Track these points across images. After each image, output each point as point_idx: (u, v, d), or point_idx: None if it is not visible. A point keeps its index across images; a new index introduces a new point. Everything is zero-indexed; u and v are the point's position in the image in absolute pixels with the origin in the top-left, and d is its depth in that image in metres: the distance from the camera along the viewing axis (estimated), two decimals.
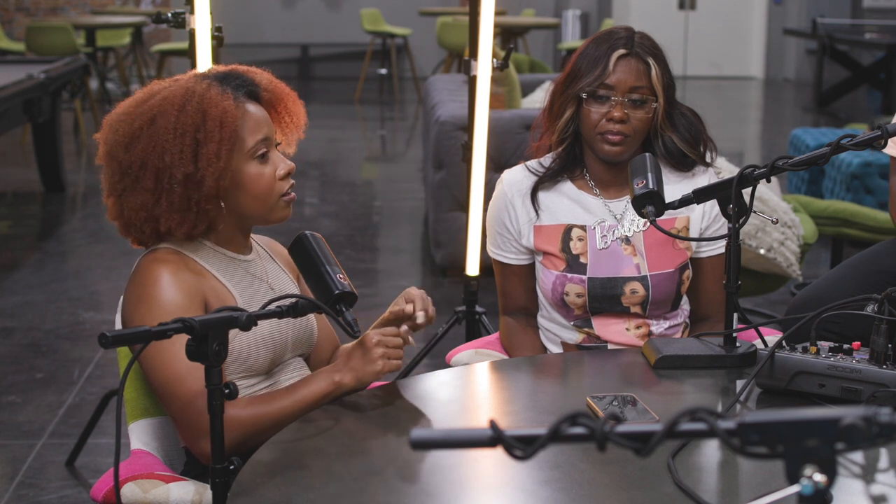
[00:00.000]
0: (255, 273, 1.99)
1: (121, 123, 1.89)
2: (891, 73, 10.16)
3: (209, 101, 1.86)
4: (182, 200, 1.85)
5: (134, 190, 1.88)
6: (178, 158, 1.84)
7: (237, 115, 1.88)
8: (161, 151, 1.84)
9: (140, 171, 1.86)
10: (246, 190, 1.91)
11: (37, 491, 3.17)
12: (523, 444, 0.96)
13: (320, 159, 8.24)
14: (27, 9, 12.34)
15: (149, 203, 1.87)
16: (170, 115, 1.85)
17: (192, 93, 1.87)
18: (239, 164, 1.89)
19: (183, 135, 1.84)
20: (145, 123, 1.86)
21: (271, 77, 2.02)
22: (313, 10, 13.11)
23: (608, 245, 2.29)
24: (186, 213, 1.86)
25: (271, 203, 1.94)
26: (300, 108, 2.05)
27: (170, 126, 1.84)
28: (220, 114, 1.85)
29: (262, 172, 1.92)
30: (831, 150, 1.96)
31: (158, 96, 1.89)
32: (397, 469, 1.66)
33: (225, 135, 1.85)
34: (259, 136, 1.91)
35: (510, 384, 2.08)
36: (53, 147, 6.83)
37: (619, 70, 2.23)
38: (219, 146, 1.84)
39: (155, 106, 1.87)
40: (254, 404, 1.84)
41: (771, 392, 1.90)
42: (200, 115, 1.85)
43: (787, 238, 3.93)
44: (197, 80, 1.90)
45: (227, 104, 1.87)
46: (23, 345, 4.35)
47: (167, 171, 1.84)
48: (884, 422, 0.90)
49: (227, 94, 1.88)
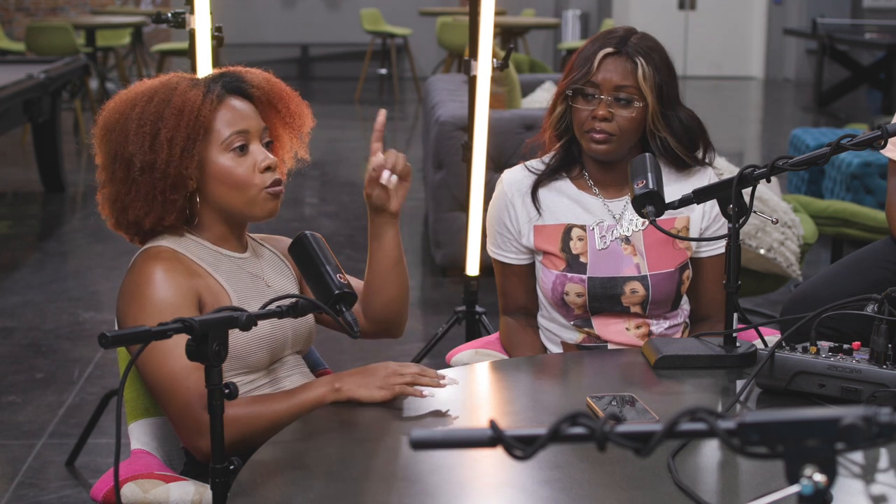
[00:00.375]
0: (251, 271, 1.99)
1: (101, 119, 1.96)
2: (891, 73, 10.16)
3: (176, 92, 1.90)
4: (147, 189, 1.89)
5: (111, 182, 1.93)
6: (139, 147, 1.88)
7: (203, 105, 1.89)
8: (127, 141, 1.90)
9: (113, 163, 1.92)
10: (220, 181, 1.92)
11: (37, 491, 3.17)
12: (523, 444, 0.96)
13: (320, 159, 8.24)
14: (27, 9, 12.34)
15: (122, 193, 1.92)
16: (138, 107, 1.90)
17: (162, 85, 1.92)
18: (210, 154, 1.91)
19: (144, 124, 1.89)
20: (120, 117, 1.92)
21: (269, 77, 2.02)
22: (313, 10, 13.11)
23: (607, 245, 2.29)
24: (152, 202, 1.90)
25: (251, 195, 1.93)
26: (304, 108, 2.05)
27: (136, 117, 1.89)
28: (180, 103, 1.89)
29: (237, 164, 1.92)
30: (831, 150, 1.96)
31: (135, 91, 1.94)
32: (397, 469, 1.66)
33: (182, 123, 1.88)
34: (236, 127, 1.92)
35: (510, 384, 2.08)
36: (53, 147, 6.83)
37: (604, 69, 2.23)
38: (174, 133, 1.87)
39: (129, 100, 1.93)
40: (251, 405, 1.84)
41: (771, 392, 1.90)
42: (164, 104, 1.89)
43: (787, 238, 3.93)
44: (175, 76, 1.96)
45: (193, 94, 1.90)
46: (23, 345, 4.35)
47: (130, 161, 1.89)
48: (884, 422, 0.90)
49: (197, 87, 1.92)
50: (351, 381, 1.86)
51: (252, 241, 2.06)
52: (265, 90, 1.99)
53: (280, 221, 5.67)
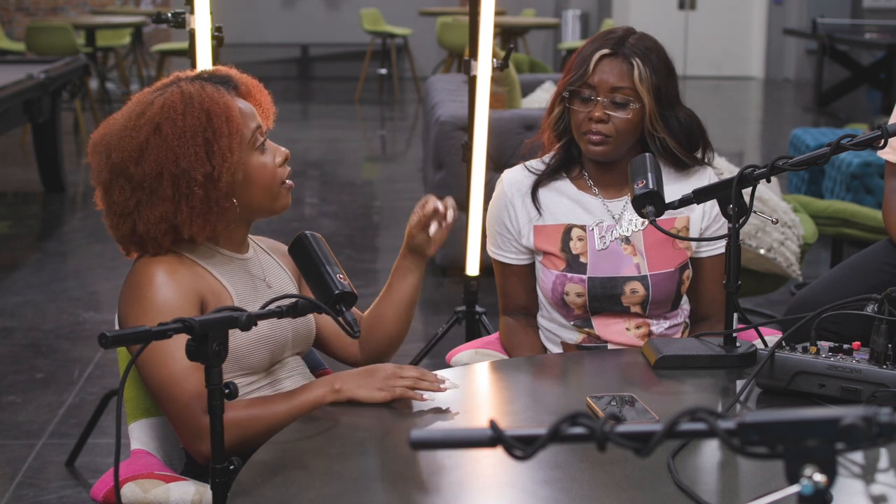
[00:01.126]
0: (252, 271, 1.99)
1: (124, 139, 1.87)
2: (891, 73, 10.16)
3: (209, 99, 1.87)
4: (203, 203, 1.85)
5: (151, 202, 1.86)
6: (194, 160, 1.84)
7: (235, 106, 1.89)
8: (175, 157, 1.83)
9: (156, 182, 1.85)
10: (254, 182, 1.92)
11: (37, 491, 3.17)
12: (523, 444, 0.96)
13: (320, 159, 8.24)
14: (27, 9, 12.34)
15: (169, 212, 1.85)
16: (175, 120, 1.84)
17: (189, 95, 1.87)
18: (245, 156, 1.91)
19: (193, 136, 1.84)
20: (150, 133, 1.85)
21: (238, 71, 2.03)
22: (313, 10, 13.11)
23: (607, 245, 2.29)
24: (208, 215, 1.86)
25: (276, 191, 1.96)
26: (267, 96, 2.06)
27: (178, 131, 1.84)
28: (223, 110, 1.87)
29: (264, 162, 1.94)
30: (831, 150, 1.96)
31: (156, 104, 1.87)
32: (397, 469, 1.66)
33: (233, 128, 1.87)
34: (253, 125, 1.93)
35: (510, 384, 2.08)
36: (53, 147, 6.83)
37: (600, 70, 2.23)
38: (230, 140, 1.86)
39: (156, 114, 1.86)
40: (250, 407, 1.84)
41: (771, 392, 1.90)
42: (205, 114, 1.85)
43: (787, 238, 3.93)
44: (186, 83, 1.90)
45: (227, 99, 1.89)
46: (23, 345, 4.35)
47: (185, 176, 1.84)
48: (884, 422, 0.90)
49: (220, 90, 1.90)
50: (351, 382, 1.86)
51: (253, 243, 2.06)
52: (245, 84, 2.00)
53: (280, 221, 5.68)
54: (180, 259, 1.90)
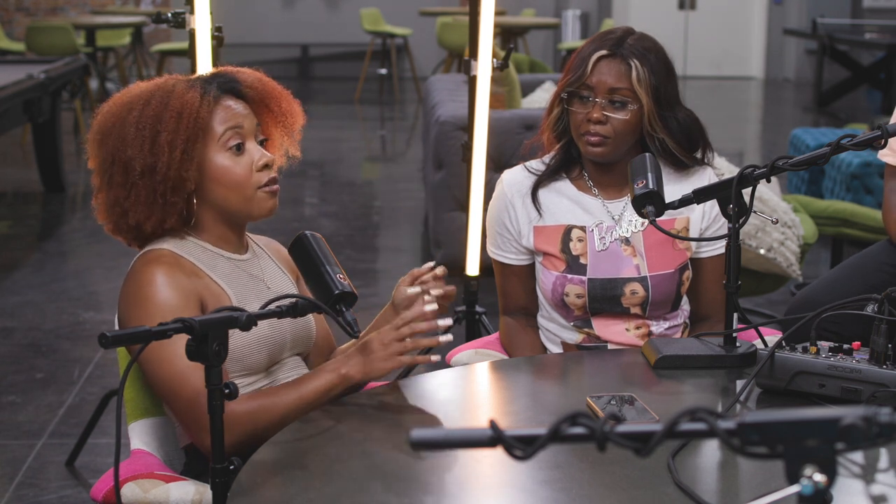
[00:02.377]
0: (251, 272, 1.99)
1: (97, 122, 1.94)
2: (891, 73, 10.16)
3: (172, 94, 1.90)
4: (147, 193, 1.88)
5: (109, 186, 1.92)
6: (139, 150, 1.87)
7: (201, 107, 1.89)
8: (124, 145, 1.89)
9: (111, 167, 1.91)
10: (219, 181, 1.92)
11: (37, 491, 3.17)
12: (523, 444, 0.96)
13: (320, 159, 8.24)
14: (27, 9, 12.34)
15: (121, 197, 1.90)
16: (135, 110, 1.89)
17: (158, 88, 1.91)
18: (208, 154, 1.91)
19: (143, 128, 1.88)
20: (117, 120, 1.91)
21: (261, 76, 2.02)
22: (313, 10, 13.11)
23: (607, 247, 2.29)
24: (152, 205, 1.89)
25: (249, 195, 1.93)
26: (296, 107, 2.05)
27: (133, 120, 1.88)
28: (179, 105, 1.88)
29: (234, 163, 1.92)
30: (831, 150, 1.96)
31: (131, 94, 1.93)
32: (397, 469, 1.66)
33: (182, 125, 1.87)
34: (230, 124, 1.92)
35: (510, 384, 2.08)
36: (53, 147, 6.83)
37: (598, 71, 2.22)
38: (174, 135, 1.87)
39: (125, 103, 1.92)
40: (259, 397, 1.84)
41: (771, 392, 1.90)
42: (162, 107, 1.88)
43: (787, 238, 3.93)
44: (170, 79, 1.95)
45: (190, 97, 1.89)
46: (23, 345, 4.35)
47: (129, 164, 1.88)
48: (884, 422, 0.90)
49: (194, 88, 1.91)
50: (355, 365, 1.85)
51: (252, 243, 2.06)
52: (258, 90, 1.99)
53: (280, 221, 5.68)
54: (179, 260, 1.89)
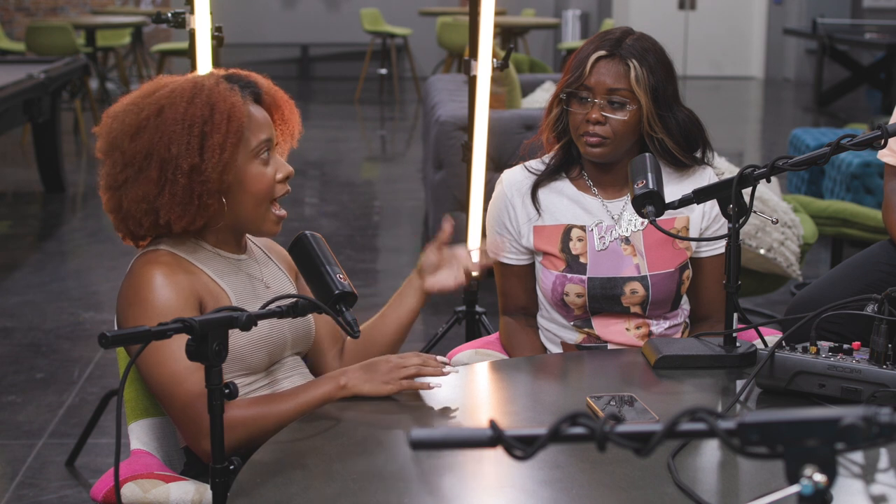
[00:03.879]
0: (250, 272, 1.99)
1: (127, 114, 1.89)
2: (891, 73, 10.16)
3: (218, 94, 1.87)
4: (185, 192, 1.85)
5: (136, 180, 1.87)
6: (185, 149, 1.84)
7: (244, 111, 1.89)
8: (168, 142, 1.84)
9: (144, 161, 1.86)
10: (246, 189, 1.91)
11: (37, 491, 3.17)
12: (523, 444, 0.96)
13: (320, 159, 8.24)
14: (27, 9, 12.34)
15: (151, 194, 1.86)
16: (178, 107, 1.85)
17: (200, 86, 1.88)
18: (242, 162, 1.90)
19: (191, 126, 1.84)
20: (152, 114, 1.86)
21: (271, 83, 2.03)
22: (313, 10, 13.11)
23: (606, 246, 2.29)
24: (188, 205, 1.86)
25: (265, 206, 1.94)
26: (297, 116, 2.06)
27: (178, 117, 1.85)
28: (228, 108, 1.86)
29: (262, 172, 1.92)
30: (831, 150, 1.96)
31: (167, 88, 1.89)
32: (397, 469, 1.66)
33: (231, 128, 1.86)
34: (262, 136, 1.92)
35: (510, 384, 2.08)
36: (53, 147, 6.83)
37: (596, 72, 2.22)
38: (224, 138, 1.85)
39: (163, 97, 1.87)
40: (257, 405, 1.84)
41: (771, 392, 1.90)
42: (209, 107, 1.85)
43: (787, 238, 3.93)
44: (205, 76, 1.92)
45: (236, 100, 1.88)
46: (23, 345, 4.35)
47: (172, 162, 1.84)
48: (884, 422, 0.90)
49: (235, 90, 1.89)
50: (355, 378, 1.86)
51: (250, 244, 2.06)
52: (273, 97, 2.00)
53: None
54: (178, 261, 1.89)
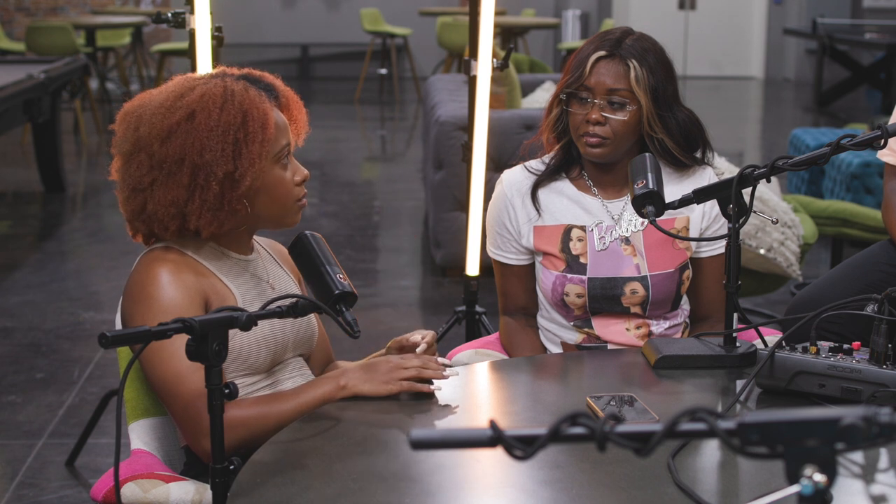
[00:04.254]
0: (256, 273, 1.99)
1: (156, 116, 1.86)
2: (891, 73, 10.16)
3: (250, 101, 1.85)
4: (216, 199, 1.84)
5: (166, 184, 1.85)
6: (220, 156, 1.82)
7: (273, 116, 1.88)
8: (200, 148, 1.82)
9: (175, 166, 1.84)
10: (269, 193, 1.91)
11: (37, 491, 3.17)
12: (523, 444, 0.96)
13: (320, 159, 8.24)
14: (27, 9, 12.34)
15: (181, 199, 1.84)
16: (211, 112, 1.83)
17: (231, 91, 1.86)
18: (268, 167, 1.89)
19: (225, 132, 1.83)
20: (183, 118, 1.84)
21: (282, 82, 2.02)
22: (313, 10, 13.11)
23: (606, 246, 2.29)
24: (218, 211, 1.85)
25: (288, 207, 1.95)
26: (304, 115, 2.05)
27: (211, 123, 1.83)
28: (261, 115, 1.85)
29: (284, 178, 1.92)
30: (831, 150, 1.96)
31: (196, 91, 1.86)
32: (397, 469, 1.66)
33: (266, 136, 1.85)
34: (283, 140, 1.92)
35: (510, 384, 2.08)
36: (53, 147, 6.83)
37: (596, 72, 2.22)
38: (261, 147, 1.84)
39: (194, 101, 1.85)
40: (257, 405, 1.84)
41: (771, 392, 1.90)
42: (241, 114, 1.84)
43: (787, 238, 3.93)
44: (232, 80, 1.89)
45: (267, 107, 1.87)
46: (23, 345, 4.35)
47: (205, 168, 1.83)
48: (884, 422, 0.90)
49: (263, 96, 1.88)
50: (355, 378, 1.86)
51: (256, 245, 2.06)
52: (286, 98, 1.99)
53: None
54: (185, 259, 1.89)
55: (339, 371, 1.90)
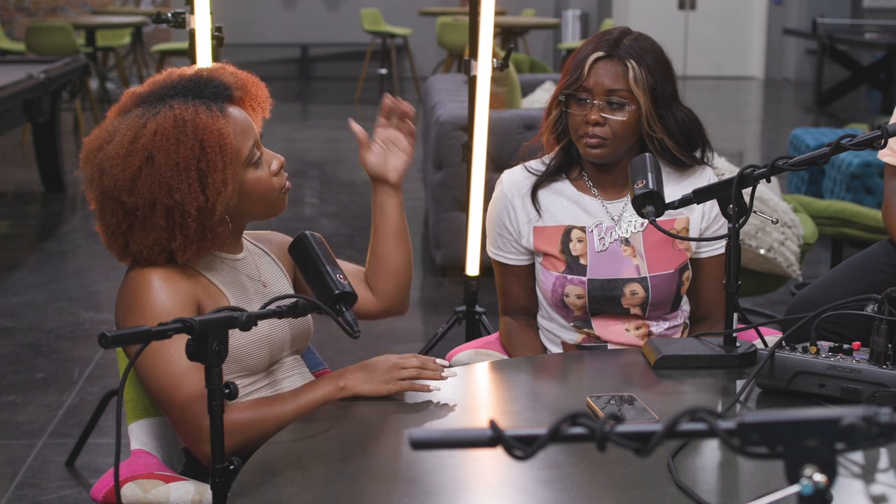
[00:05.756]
0: (247, 272, 1.99)
1: (116, 166, 1.81)
2: (891, 73, 10.16)
3: (203, 127, 1.81)
4: (197, 231, 1.82)
5: (144, 228, 1.82)
6: (188, 193, 1.79)
7: (230, 132, 1.84)
8: (168, 189, 1.79)
9: (149, 211, 1.81)
10: (250, 196, 1.90)
11: (37, 491, 3.17)
12: (523, 444, 0.96)
13: (320, 159, 8.24)
14: (27, 9, 12.34)
15: (162, 239, 1.82)
16: (169, 151, 1.79)
17: (182, 121, 1.81)
18: (241, 175, 1.88)
19: (187, 168, 1.79)
20: (143, 162, 1.80)
21: (233, 70, 1.98)
22: (313, 10, 13.11)
23: (606, 247, 2.29)
24: (202, 241, 1.84)
25: (272, 199, 1.94)
26: (263, 89, 2.00)
27: (171, 162, 1.79)
28: (217, 139, 1.81)
29: (259, 176, 1.91)
30: (831, 150, 1.96)
31: (148, 130, 1.81)
32: (397, 469, 1.66)
33: (227, 159, 1.82)
34: (250, 141, 1.90)
35: (510, 384, 2.08)
36: (53, 147, 6.83)
37: (595, 73, 2.22)
38: (224, 173, 1.81)
39: (149, 142, 1.80)
40: (256, 407, 1.84)
41: (771, 392, 1.90)
42: (198, 144, 1.80)
43: (787, 238, 3.93)
44: (180, 106, 1.83)
45: (220, 124, 1.83)
46: (23, 345, 4.35)
47: (178, 207, 1.80)
48: (884, 422, 0.90)
49: (214, 112, 1.84)
50: (354, 378, 1.86)
51: (247, 242, 2.05)
52: (241, 88, 1.95)
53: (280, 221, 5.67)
54: (175, 264, 1.88)
55: (339, 371, 1.90)
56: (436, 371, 1.88)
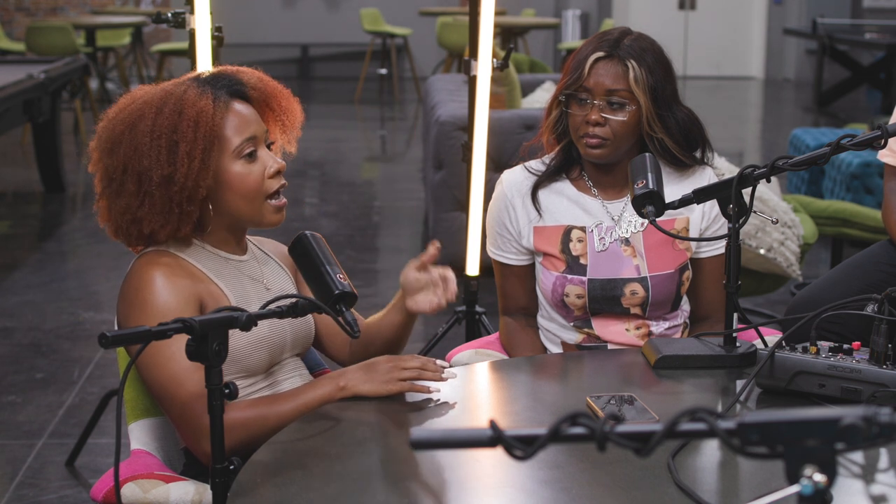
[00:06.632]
0: (250, 274, 1.99)
1: (104, 129, 1.91)
2: (891, 73, 10.16)
3: (185, 101, 1.86)
4: (163, 202, 1.86)
5: (119, 194, 1.89)
6: (156, 161, 1.84)
7: (215, 114, 1.87)
8: (140, 155, 1.85)
9: (123, 176, 1.87)
10: (232, 189, 1.91)
11: (37, 491, 3.17)
12: (523, 444, 0.96)
13: (320, 159, 8.24)
14: (27, 9, 12.34)
15: (133, 206, 1.87)
16: (147, 119, 1.86)
17: (169, 95, 1.88)
18: (224, 163, 1.89)
19: (159, 137, 1.85)
20: (126, 128, 1.88)
21: (262, 75, 2.01)
22: (313, 10, 13.11)
23: (606, 247, 2.29)
24: (168, 214, 1.86)
25: (259, 203, 1.93)
26: (295, 105, 2.04)
27: (147, 129, 1.86)
28: (195, 114, 1.85)
29: (248, 171, 1.91)
30: (831, 150, 1.96)
31: (139, 101, 1.90)
32: (397, 469, 1.66)
33: (200, 134, 1.85)
34: (245, 134, 1.91)
35: (510, 384, 2.08)
36: (53, 147, 6.83)
37: (595, 73, 2.22)
38: (192, 146, 1.84)
39: (135, 111, 1.88)
40: (256, 406, 1.84)
41: (771, 392, 1.90)
42: (176, 115, 1.86)
43: (787, 238, 3.93)
44: (178, 84, 1.92)
45: (204, 104, 1.87)
46: (23, 345, 4.35)
47: (146, 174, 1.85)
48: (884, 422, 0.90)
49: (206, 94, 1.88)
50: (355, 378, 1.86)
51: (251, 244, 2.06)
52: (261, 90, 1.98)
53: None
54: (178, 262, 1.89)
55: (339, 371, 1.90)
56: (436, 372, 1.88)
